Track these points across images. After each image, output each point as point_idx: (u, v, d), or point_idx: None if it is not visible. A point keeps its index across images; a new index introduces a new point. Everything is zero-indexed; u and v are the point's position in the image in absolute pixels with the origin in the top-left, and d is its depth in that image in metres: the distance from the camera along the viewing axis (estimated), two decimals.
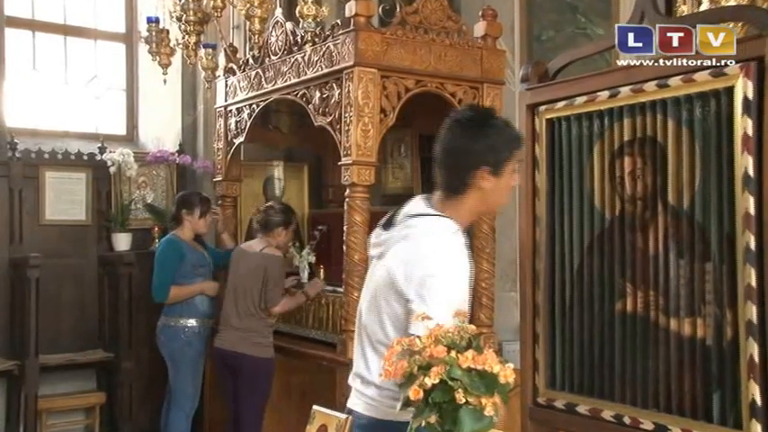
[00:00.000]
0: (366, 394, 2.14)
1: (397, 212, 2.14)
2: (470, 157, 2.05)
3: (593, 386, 2.46)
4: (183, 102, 6.21)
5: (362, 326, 2.17)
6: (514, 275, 4.61)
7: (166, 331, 4.58)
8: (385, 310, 2.07)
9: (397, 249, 2.07)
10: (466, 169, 2.06)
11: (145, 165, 5.92)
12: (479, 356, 1.61)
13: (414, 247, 2.03)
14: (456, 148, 2.04)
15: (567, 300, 2.54)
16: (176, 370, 4.57)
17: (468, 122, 2.04)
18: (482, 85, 4.05)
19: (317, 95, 4.03)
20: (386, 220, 2.15)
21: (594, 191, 2.46)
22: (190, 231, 4.67)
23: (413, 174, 5.16)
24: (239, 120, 4.91)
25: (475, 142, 2.03)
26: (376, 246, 2.15)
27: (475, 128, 2.04)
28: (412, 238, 2.04)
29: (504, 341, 4.44)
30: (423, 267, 1.99)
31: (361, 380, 2.16)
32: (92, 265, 5.77)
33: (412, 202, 2.15)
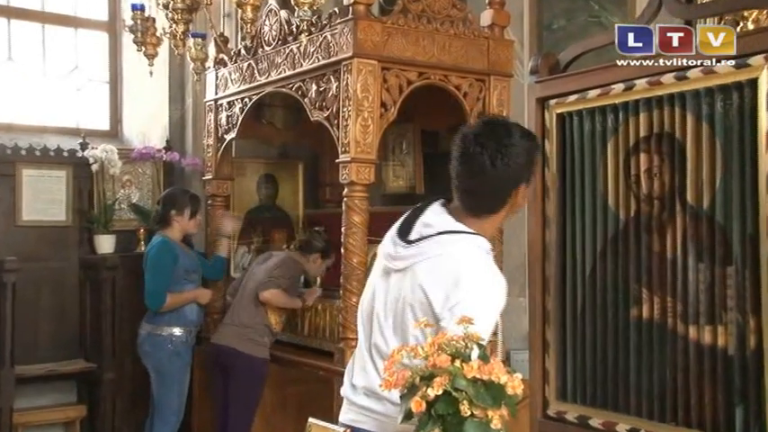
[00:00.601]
0: (377, 410, 2.16)
1: (414, 221, 2.15)
2: (509, 182, 2.13)
3: (607, 398, 2.47)
4: (170, 95, 6.21)
5: (373, 344, 2.18)
6: (523, 280, 4.60)
7: (152, 340, 4.56)
8: (412, 332, 2.08)
9: (432, 268, 2.09)
10: (505, 192, 2.14)
11: (129, 162, 5.92)
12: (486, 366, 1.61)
13: (454, 270, 2.06)
14: (492, 178, 2.09)
15: (578, 306, 2.55)
16: (161, 382, 4.56)
17: (495, 148, 2.07)
18: (489, 78, 4.06)
19: (313, 88, 4.04)
20: (402, 230, 2.16)
21: (608, 190, 2.47)
22: (179, 233, 4.64)
23: (415, 172, 5.16)
24: (230, 114, 4.92)
25: (509, 168, 2.09)
26: (396, 259, 2.14)
27: (505, 154, 2.08)
28: (449, 260, 2.07)
29: (512, 350, 4.45)
30: (464, 291, 2.03)
31: (370, 395, 2.17)
32: (72, 268, 5.77)
33: (432, 211, 2.16)
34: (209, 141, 5.16)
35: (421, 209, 2.18)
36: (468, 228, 2.12)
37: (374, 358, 2.18)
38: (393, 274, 2.17)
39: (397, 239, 2.15)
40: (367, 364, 2.20)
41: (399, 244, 2.13)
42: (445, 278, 2.05)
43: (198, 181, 5.66)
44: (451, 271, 2.05)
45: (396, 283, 2.16)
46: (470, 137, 2.11)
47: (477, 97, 4.05)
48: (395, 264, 2.15)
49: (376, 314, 2.19)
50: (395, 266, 2.15)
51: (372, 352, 2.19)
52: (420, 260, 2.10)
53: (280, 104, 5.29)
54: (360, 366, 2.23)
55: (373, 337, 2.19)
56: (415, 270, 2.10)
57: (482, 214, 2.16)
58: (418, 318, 2.04)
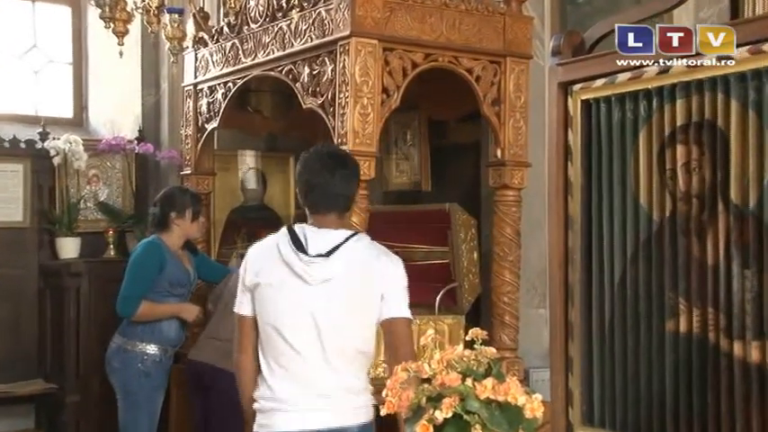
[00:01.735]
0: (355, 405, 2.78)
1: (306, 241, 2.79)
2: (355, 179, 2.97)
3: (639, 423, 2.47)
4: (142, 79, 6.22)
5: (336, 348, 2.78)
6: (543, 289, 4.61)
7: (120, 356, 4.53)
8: (366, 323, 2.82)
9: (374, 263, 2.83)
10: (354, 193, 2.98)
11: (96, 155, 5.93)
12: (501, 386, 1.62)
13: (392, 259, 2.90)
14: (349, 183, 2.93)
15: (606, 318, 2.55)
16: (128, 404, 4.51)
17: (333, 160, 2.92)
18: (504, 60, 4.06)
19: (305, 72, 4.04)
20: (298, 247, 2.78)
21: (640, 187, 2.47)
22: (179, 238, 4.57)
23: (421, 166, 5.17)
24: (212, 101, 4.92)
25: (356, 175, 2.99)
26: (318, 269, 2.75)
27: (341, 163, 2.92)
28: (377, 251, 2.89)
29: (530, 368, 4.45)
30: (402, 274, 2.89)
31: (348, 391, 2.77)
32: (31, 276, 5.78)
33: (323, 231, 2.83)
34: (187, 131, 5.17)
35: (292, 234, 2.82)
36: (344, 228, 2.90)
37: (338, 357, 2.76)
38: (316, 286, 2.75)
39: (301, 254, 2.76)
40: (331, 364, 2.76)
41: (313, 261, 2.74)
42: (391, 265, 2.86)
43: (175, 176, 5.67)
44: (389, 260, 2.88)
45: (328, 290, 2.75)
46: (325, 156, 2.94)
47: (492, 82, 4.05)
48: (318, 274, 2.74)
49: (314, 321, 2.75)
50: (314, 278, 2.74)
51: (333, 355, 2.76)
52: (354, 263, 2.78)
53: (268, 90, 5.29)
54: (320, 373, 2.76)
55: (328, 342, 2.76)
56: (351, 272, 2.77)
57: (345, 213, 2.96)
58: (370, 307, 2.78)
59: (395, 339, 2.80)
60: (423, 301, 4.32)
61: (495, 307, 4.05)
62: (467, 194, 4.86)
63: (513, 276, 4.06)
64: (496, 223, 4.06)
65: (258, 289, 2.82)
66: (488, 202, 4.34)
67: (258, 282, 2.81)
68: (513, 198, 4.04)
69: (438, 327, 4.05)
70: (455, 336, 4.07)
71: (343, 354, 2.77)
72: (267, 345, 2.82)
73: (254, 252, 2.90)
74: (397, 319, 2.80)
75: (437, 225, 4.43)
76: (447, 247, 4.41)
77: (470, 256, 4.35)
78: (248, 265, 2.86)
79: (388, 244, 4.71)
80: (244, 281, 2.86)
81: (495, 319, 4.03)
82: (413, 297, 4.45)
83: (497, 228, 4.03)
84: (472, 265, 4.36)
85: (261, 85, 5.09)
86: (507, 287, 4.03)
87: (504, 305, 4.03)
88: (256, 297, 2.82)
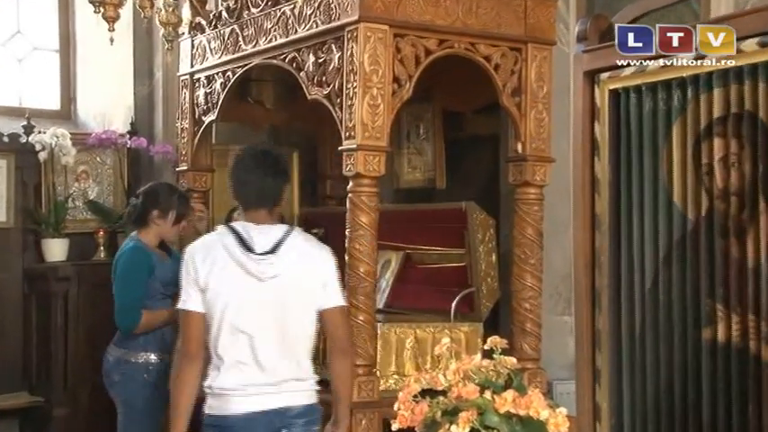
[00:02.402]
0: (303, 389, 3.24)
1: (251, 239, 3.14)
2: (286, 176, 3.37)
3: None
4: (135, 68, 6.23)
5: (291, 338, 3.19)
6: (568, 294, 4.60)
7: (123, 369, 4.52)
8: (312, 312, 3.22)
9: (314, 255, 3.26)
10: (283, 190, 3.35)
11: (86, 149, 5.94)
12: (522, 398, 1.62)
13: (327, 251, 3.32)
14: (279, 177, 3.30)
15: (637, 326, 2.54)
16: (131, 419, 4.51)
17: (263, 158, 3.30)
18: (526, 46, 4.05)
19: (310, 60, 4.04)
20: (247, 248, 3.14)
21: (673, 183, 2.46)
22: (155, 237, 4.58)
23: (435, 162, 5.16)
24: (210, 92, 4.93)
25: (286, 170, 3.39)
26: (269, 266, 3.13)
27: (271, 161, 3.30)
28: (314, 244, 3.32)
29: (554, 380, 4.44)
30: (335, 264, 3.32)
31: (298, 378, 3.22)
32: (14, 280, 5.79)
33: (263, 228, 3.19)
34: (183, 124, 5.17)
35: (235, 233, 3.17)
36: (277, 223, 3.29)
37: (294, 348, 3.20)
38: (268, 281, 3.13)
39: (251, 254, 3.12)
40: (288, 355, 3.18)
41: (263, 259, 3.12)
42: (325, 255, 3.29)
43: (170, 172, 5.67)
44: (322, 249, 3.30)
45: (274, 283, 3.14)
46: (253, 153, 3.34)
47: (512, 70, 4.03)
48: (269, 270, 3.12)
49: (270, 315, 3.15)
50: (266, 274, 3.12)
51: (285, 346, 3.17)
52: (295, 255, 3.17)
53: (270, 79, 5.29)
54: (281, 359, 3.16)
55: (284, 334, 3.16)
56: (297, 266, 3.17)
57: (275, 208, 3.31)
58: (313, 295, 3.20)
59: (334, 328, 3.27)
60: (437, 307, 4.32)
61: (516, 314, 4.03)
62: (484, 192, 4.85)
63: (535, 280, 4.04)
64: (517, 223, 4.04)
65: (211, 289, 3.14)
66: (508, 200, 4.33)
67: (210, 282, 3.14)
68: (534, 196, 4.03)
69: (454, 335, 4.05)
70: (472, 344, 4.06)
71: (296, 343, 3.21)
72: (221, 339, 3.15)
73: (198, 252, 3.21)
74: (337, 307, 3.26)
75: (452, 225, 4.42)
76: (463, 249, 4.41)
77: (489, 259, 4.34)
78: (196, 265, 3.16)
79: (399, 246, 4.76)
80: (195, 280, 3.15)
81: (515, 326, 4.02)
82: (426, 303, 4.50)
83: (518, 228, 4.01)
84: (491, 268, 4.35)
85: (262, 74, 5.09)
86: (529, 292, 4.02)
87: (526, 312, 4.02)
88: (209, 296, 3.14)
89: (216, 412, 3.21)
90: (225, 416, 3.19)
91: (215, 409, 3.21)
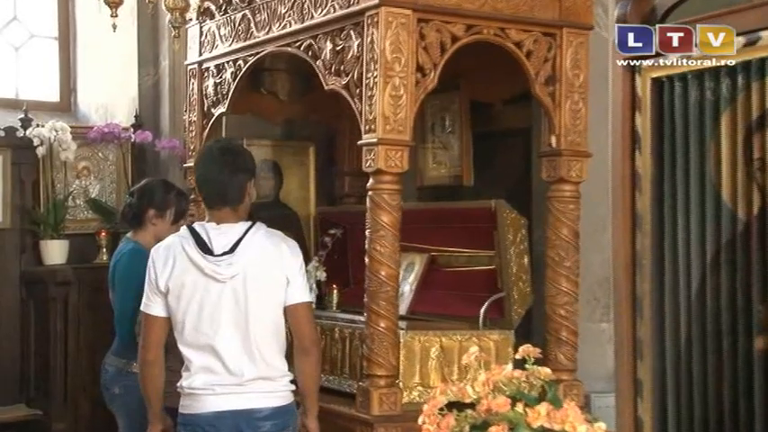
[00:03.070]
0: (272, 390, 3.35)
1: (210, 241, 3.30)
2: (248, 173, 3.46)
3: None
4: (139, 56, 6.26)
5: (254, 338, 3.32)
6: (606, 300, 4.58)
7: (122, 381, 4.54)
8: (277, 309, 3.35)
9: (275, 251, 3.36)
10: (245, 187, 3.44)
11: (87, 144, 5.98)
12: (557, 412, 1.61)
13: (290, 245, 3.44)
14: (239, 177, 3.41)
15: (682, 334, 2.53)
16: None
17: (223, 155, 3.42)
18: (560, 31, 4.03)
19: (327, 48, 4.05)
20: (205, 250, 3.29)
21: (722, 179, 2.45)
22: (152, 238, 4.59)
23: (462, 157, 5.15)
24: (219, 82, 4.94)
25: (247, 166, 3.47)
26: (227, 266, 3.27)
27: (231, 158, 3.41)
28: (276, 239, 3.41)
29: (592, 392, 4.42)
30: (301, 259, 3.46)
31: (264, 380, 3.34)
32: (11, 284, 5.83)
33: (223, 228, 3.34)
34: (191, 117, 5.19)
35: (195, 235, 3.32)
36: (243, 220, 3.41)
37: (258, 348, 3.32)
38: (228, 282, 3.28)
39: (208, 256, 3.27)
40: (253, 355, 3.32)
41: (221, 260, 3.27)
42: (291, 250, 3.42)
43: (177, 169, 5.70)
44: (288, 245, 3.43)
45: (242, 283, 3.29)
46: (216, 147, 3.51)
47: (545, 57, 4.02)
48: (227, 271, 3.27)
49: (231, 316, 3.30)
50: (224, 275, 3.27)
51: (253, 345, 3.31)
52: (255, 253, 3.30)
53: (284, 69, 5.30)
54: (239, 364, 3.31)
55: (246, 333, 3.31)
56: (260, 264, 3.31)
57: (239, 206, 3.41)
58: (278, 292, 3.32)
59: (297, 324, 3.39)
60: (465, 313, 4.32)
61: (550, 321, 4.02)
62: (516, 189, 4.84)
63: (571, 285, 4.03)
64: (551, 223, 4.03)
65: (171, 292, 3.33)
66: (541, 198, 4.31)
67: (170, 285, 3.32)
68: (570, 193, 4.01)
69: (483, 343, 4.04)
70: (503, 354, 4.06)
71: (261, 342, 3.34)
72: (186, 341, 3.35)
73: (160, 255, 3.38)
74: (301, 303, 3.38)
75: (481, 225, 4.41)
76: (493, 251, 4.40)
77: (520, 262, 4.33)
78: (157, 268, 3.35)
79: (423, 247, 4.76)
80: (156, 284, 3.34)
81: (549, 334, 4.01)
82: (452, 309, 4.49)
83: (552, 228, 4.00)
84: (522, 271, 4.33)
85: (276, 63, 5.11)
86: (564, 298, 4.00)
87: (561, 319, 4.01)
88: (170, 300, 3.33)
89: (187, 411, 3.40)
90: (195, 414, 3.38)
91: (187, 408, 3.41)
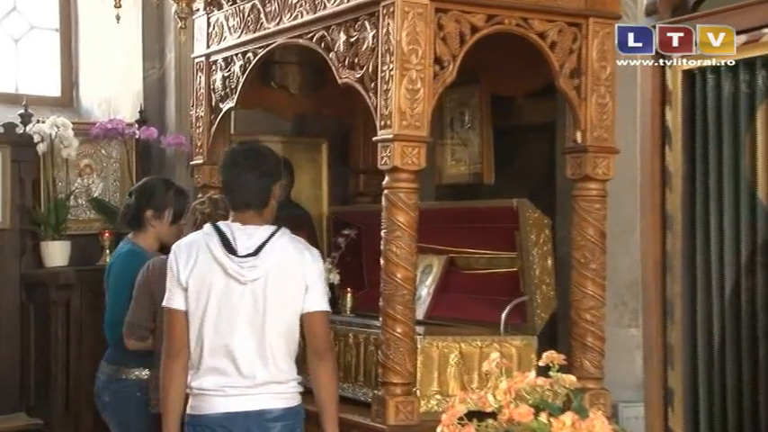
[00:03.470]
0: (281, 392, 3.50)
1: (234, 241, 3.44)
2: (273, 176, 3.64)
3: None
4: (144, 49, 6.27)
5: (269, 342, 3.46)
6: (635, 304, 4.56)
7: (113, 388, 4.55)
8: (294, 315, 3.49)
9: (299, 257, 3.51)
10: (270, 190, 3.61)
11: (89, 141, 5.99)
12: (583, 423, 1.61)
13: (313, 253, 3.60)
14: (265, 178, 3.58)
15: (715, 340, 2.52)
16: None
17: (249, 158, 3.58)
18: (586, 21, 4.02)
19: (341, 39, 4.05)
20: (230, 249, 3.43)
21: (757, 176, 2.44)
22: (154, 240, 4.62)
23: (482, 153, 5.15)
24: (228, 75, 4.95)
25: (273, 170, 3.64)
26: (250, 269, 3.42)
27: (256, 161, 3.56)
28: (300, 246, 3.56)
29: (620, 402, 4.40)
30: (321, 267, 3.64)
31: (278, 381, 3.49)
32: (10, 288, 5.85)
33: (248, 230, 3.49)
34: (198, 112, 5.20)
35: (220, 234, 3.47)
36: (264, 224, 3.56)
37: (272, 351, 3.46)
38: (249, 284, 3.42)
39: (232, 256, 3.41)
40: (266, 358, 3.46)
41: (245, 261, 3.41)
42: (312, 257, 3.56)
43: (183, 167, 5.71)
44: (310, 252, 3.58)
45: (263, 286, 3.43)
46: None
47: (570, 49, 4.01)
48: (248, 276, 3.41)
49: (249, 318, 3.44)
50: (247, 277, 3.41)
51: (266, 348, 3.45)
52: (278, 258, 3.45)
53: (295, 61, 5.31)
54: (252, 367, 3.44)
55: (262, 337, 3.44)
56: (282, 269, 3.45)
57: (262, 209, 3.58)
58: (296, 299, 3.47)
59: (313, 333, 3.53)
60: (485, 318, 4.31)
61: (576, 326, 4.01)
62: (539, 188, 4.83)
63: (598, 288, 4.02)
64: (576, 223, 4.02)
65: (192, 288, 3.46)
66: (566, 197, 4.31)
67: (192, 281, 3.45)
68: (596, 192, 4.00)
69: (504, 349, 4.03)
70: (525, 361, 4.05)
71: (275, 346, 3.48)
72: (200, 340, 3.47)
73: (182, 250, 3.52)
74: (318, 312, 3.52)
75: (502, 225, 4.41)
76: (515, 253, 4.39)
77: (544, 264, 4.32)
78: (179, 263, 3.49)
79: (442, 249, 4.76)
80: (178, 278, 3.48)
81: (575, 340, 4.00)
82: (472, 313, 4.49)
83: (577, 228, 3.99)
84: (546, 274, 4.33)
85: (287, 55, 5.12)
86: (590, 302, 3.99)
87: (587, 324, 4.00)
88: (191, 295, 3.46)
89: (195, 412, 3.51)
90: (203, 415, 3.49)
91: (194, 409, 3.51)
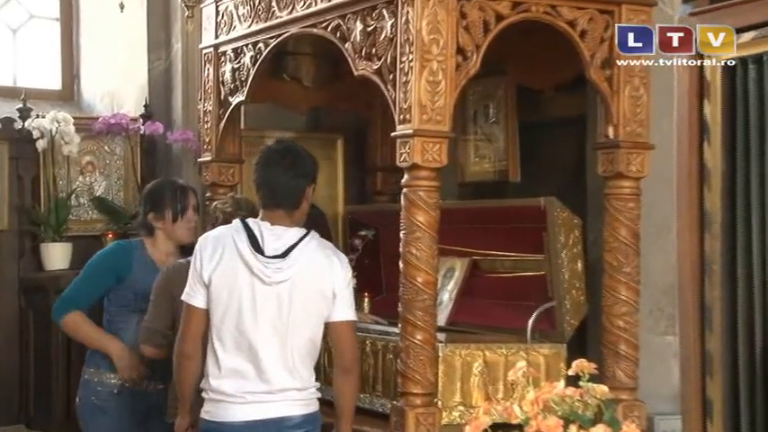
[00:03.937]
0: (301, 398, 3.56)
1: (262, 241, 3.51)
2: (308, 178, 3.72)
3: None
4: (149, 39, 6.28)
5: (291, 346, 3.52)
6: (671, 309, 4.54)
7: (81, 389, 4.56)
8: (318, 322, 3.57)
9: (326, 263, 3.57)
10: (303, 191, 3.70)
11: (92, 137, 6.01)
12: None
13: (341, 260, 3.65)
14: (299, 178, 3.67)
15: (756, 348, 2.51)
16: None
17: (283, 157, 3.66)
18: (619, 8, 4.00)
19: (357, 29, 4.05)
20: (255, 246, 3.49)
21: None
22: (166, 244, 4.59)
23: (508, 150, 5.14)
24: (238, 67, 4.95)
25: (308, 171, 3.72)
26: (276, 270, 3.48)
27: (291, 161, 3.64)
28: (328, 252, 3.62)
29: (655, 414, 4.39)
30: (350, 274, 3.67)
31: (297, 387, 3.54)
32: (9, 292, 5.88)
33: (277, 230, 3.55)
34: (206, 106, 5.21)
35: (248, 231, 3.53)
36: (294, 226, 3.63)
37: (293, 357, 3.52)
38: (273, 286, 3.48)
39: (259, 256, 3.47)
40: (287, 364, 3.51)
41: (271, 263, 3.47)
42: (340, 263, 3.62)
43: (191, 164, 5.72)
44: (338, 259, 3.63)
45: (288, 289, 3.49)
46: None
47: (602, 37, 4.00)
48: (277, 276, 3.47)
49: (271, 321, 3.49)
50: (272, 279, 3.47)
51: (287, 352, 3.51)
52: (305, 262, 3.51)
53: (309, 52, 5.32)
54: (273, 371, 3.49)
55: (284, 341, 3.50)
56: (306, 273, 3.51)
57: (292, 210, 3.65)
58: (320, 308, 3.54)
59: (338, 342, 3.63)
60: (511, 324, 4.32)
61: (608, 333, 4.01)
62: (568, 186, 4.82)
63: (631, 293, 4.01)
64: (608, 223, 4.02)
65: (215, 284, 3.51)
66: (597, 195, 4.30)
67: (215, 278, 3.51)
68: (629, 190, 3.99)
69: (531, 358, 4.03)
70: (554, 370, 4.05)
71: (296, 352, 3.54)
72: (219, 340, 3.52)
73: (208, 244, 3.58)
74: (344, 321, 3.60)
75: (529, 226, 4.41)
76: (542, 255, 4.39)
77: (573, 267, 4.32)
78: (203, 258, 3.55)
79: (464, 251, 4.75)
80: (200, 274, 3.53)
81: (606, 348, 3.99)
82: (497, 319, 4.48)
83: (609, 229, 3.98)
84: (576, 278, 4.32)
85: (300, 46, 5.12)
86: (623, 307, 3.98)
87: (619, 330, 3.99)
88: (212, 293, 3.52)
89: (212, 418, 3.54)
90: (221, 422, 3.52)
91: (211, 415, 3.55)
